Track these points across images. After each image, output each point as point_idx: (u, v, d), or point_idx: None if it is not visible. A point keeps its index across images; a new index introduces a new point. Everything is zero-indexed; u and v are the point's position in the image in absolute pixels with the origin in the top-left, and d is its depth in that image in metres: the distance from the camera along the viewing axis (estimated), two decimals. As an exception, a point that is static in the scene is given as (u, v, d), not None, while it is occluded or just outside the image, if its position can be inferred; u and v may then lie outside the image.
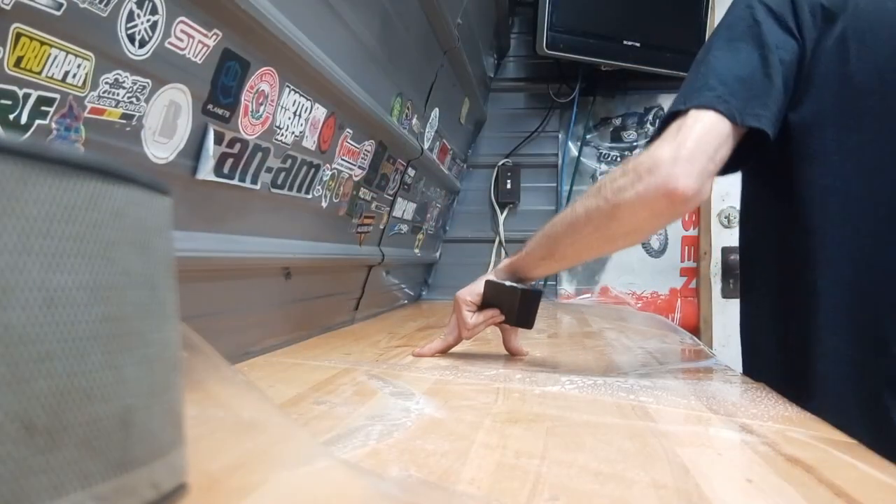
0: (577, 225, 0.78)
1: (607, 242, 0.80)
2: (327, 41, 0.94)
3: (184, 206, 0.75)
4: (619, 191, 0.72)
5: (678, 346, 1.19)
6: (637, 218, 0.73)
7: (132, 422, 0.28)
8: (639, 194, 0.70)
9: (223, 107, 0.76)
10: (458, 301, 0.94)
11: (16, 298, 0.23)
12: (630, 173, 0.72)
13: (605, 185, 0.75)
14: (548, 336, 1.26)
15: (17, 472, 0.23)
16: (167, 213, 0.33)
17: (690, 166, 0.68)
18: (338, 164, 1.15)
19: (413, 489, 0.42)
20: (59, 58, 0.51)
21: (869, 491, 0.43)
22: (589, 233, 0.77)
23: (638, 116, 2.29)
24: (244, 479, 0.38)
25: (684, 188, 0.68)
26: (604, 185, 0.75)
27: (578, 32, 2.01)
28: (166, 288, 0.32)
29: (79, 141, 0.56)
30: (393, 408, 0.63)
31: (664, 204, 0.69)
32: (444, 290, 2.31)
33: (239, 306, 0.95)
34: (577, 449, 0.51)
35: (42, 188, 0.25)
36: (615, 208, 0.73)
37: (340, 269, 1.37)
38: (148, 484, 0.29)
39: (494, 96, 2.35)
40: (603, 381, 0.78)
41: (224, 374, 0.45)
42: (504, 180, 2.28)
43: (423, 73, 1.55)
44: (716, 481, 0.44)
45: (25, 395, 0.23)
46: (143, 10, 0.58)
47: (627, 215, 0.72)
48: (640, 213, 0.72)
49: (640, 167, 0.71)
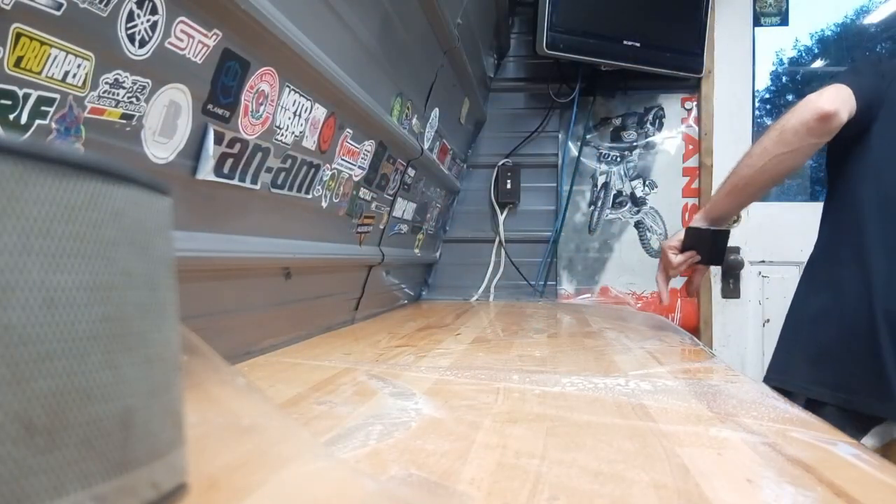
0: (754, 156, 1.05)
1: (778, 167, 1.04)
2: (327, 41, 0.94)
3: (184, 206, 0.75)
4: (784, 121, 1.01)
5: (678, 346, 1.19)
6: (798, 136, 0.99)
7: (132, 422, 0.28)
8: (798, 116, 0.99)
9: (223, 107, 0.76)
10: (663, 247, 1.24)
11: (16, 298, 0.23)
12: (791, 111, 1.00)
13: (773, 126, 1.03)
14: (548, 336, 1.26)
15: (17, 472, 0.23)
16: (167, 213, 0.33)
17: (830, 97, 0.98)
18: (338, 164, 1.15)
19: (413, 489, 0.42)
20: (59, 58, 0.51)
21: (869, 491, 0.43)
22: (761, 159, 1.04)
23: (638, 116, 2.29)
24: (244, 479, 0.38)
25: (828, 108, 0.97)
26: (773, 127, 1.03)
27: (578, 32, 2.01)
28: (166, 288, 0.32)
29: (79, 141, 0.56)
30: (393, 408, 0.63)
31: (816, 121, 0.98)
32: (444, 290, 2.31)
33: (239, 306, 0.95)
34: (577, 449, 0.51)
35: (42, 188, 0.25)
36: (782, 132, 1.01)
37: (340, 269, 1.37)
38: (148, 484, 0.29)
39: (494, 96, 2.35)
40: (603, 381, 0.78)
41: (224, 376, 0.45)
42: (504, 180, 2.28)
43: (423, 73, 1.55)
44: (716, 481, 0.44)
45: (25, 395, 0.23)
46: (143, 10, 0.58)
47: (790, 135, 1.00)
48: (800, 130, 0.99)
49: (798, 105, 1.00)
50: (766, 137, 1.04)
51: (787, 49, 2.53)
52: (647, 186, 2.28)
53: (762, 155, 1.04)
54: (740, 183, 1.09)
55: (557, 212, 2.29)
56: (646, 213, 2.27)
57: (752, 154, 1.06)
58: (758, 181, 1.08)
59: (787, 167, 1.05)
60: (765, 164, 1.04)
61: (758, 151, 1.05)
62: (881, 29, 2.63)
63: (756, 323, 2.23)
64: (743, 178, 1.08)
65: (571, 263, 2.29)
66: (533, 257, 2.30)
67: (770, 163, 1.03)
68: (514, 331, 1.34)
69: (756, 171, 1.06)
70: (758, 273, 2.24)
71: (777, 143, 1.01)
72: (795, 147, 1.00)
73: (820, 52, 3.00)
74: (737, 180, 1.10)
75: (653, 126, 2.29)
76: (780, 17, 2.30)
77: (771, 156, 1.02)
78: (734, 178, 1.11)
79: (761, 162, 1.04)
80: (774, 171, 1.06)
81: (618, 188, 2.29)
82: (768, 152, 1.03)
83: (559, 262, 2.29)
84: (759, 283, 2.23)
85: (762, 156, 1.04)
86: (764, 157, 1.03)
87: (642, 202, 2.28)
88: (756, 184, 1.09)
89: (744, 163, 1.09)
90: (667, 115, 2.28)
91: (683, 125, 2.27)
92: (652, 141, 2.29)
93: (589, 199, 2.29)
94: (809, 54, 3.00)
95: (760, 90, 2.42)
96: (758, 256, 2.23)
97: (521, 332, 1.33)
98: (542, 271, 2.29)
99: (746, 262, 2.23)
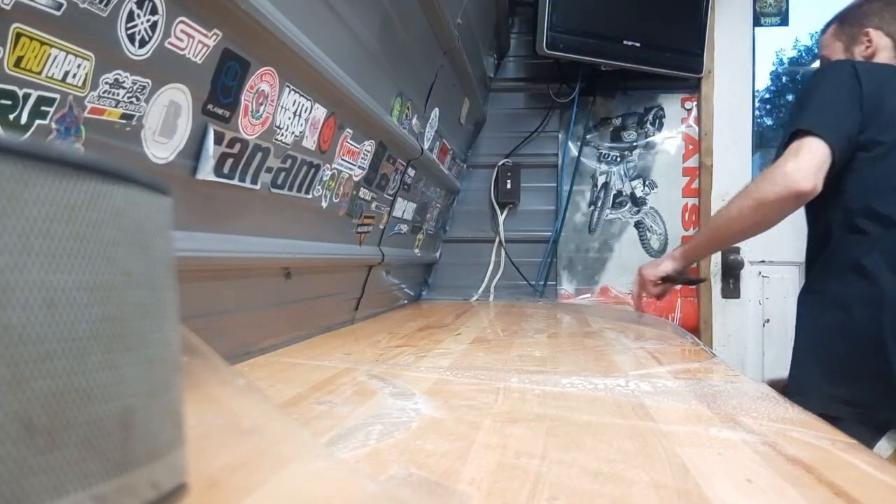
0: (732, 218, 1.17)
1: (752, 227, 1.17)
2: (327, 41, 0.94)
3: (184, 206, 0.75)
4: (762, 193, 1.10)
5: (678, 346, 1.19)
6: (774, 210, 1.10)
7: (132, 422, 0.28)
8: (776, 192, 1.08)
9: (223, 107, 0.76)
10: (644, 276, 1.42)
11: (16, 298, 0.23)
12: (769, 180, 1.09)
13: (751, 189, 1.13)
14: (548, 336, 1.26)
15: (17, 472, 0.23)
16: (167, 213, 0.33)
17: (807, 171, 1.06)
18: (338, 164, 1.15)
19: (413, 489, 0.42)
20: (59, 58, 0.51)
21: (869, 491, 0.43)
22: (740, 222, 1.15)
23: (638, 116, 2.29)
24: (244, 479, 0.38)
25: (805, 188, 1.06)
26: (750, 190, 1.13)
27: (578, 32, 2.01)
28: (166, 288, 0.32)
29: (79, 141, 0.56)
30: (393, 408, 0.63)
31: (793, 199, 1.07)
32: (444, 290, 2.31)
33: (239, 306, 0.95)
34: (577, 449, 0.51)
35: (42, 188, 0.25)
36: (760, 205, 1.10)
37: (340, 269, 1.37)
38: (148, 484, 0.29)
39: (494, 96, 2.35)
40: (603, 382, 0.78)
41: (224, 377, 0.45)
42: (504, 180, 2.28)
43: (423, 73, 1.55)
44: (716, 481, 0.44)
45: (25, 395, 0.23)
46: (143, 10, 0.58)
47: (767, 209, 1.10)
48: (776, 204, 1.09)
49: (776, 175, 1.08)
50: (744, 202, 1.14)
51: (787, 49, 2.53)
52: (647, 186, 2.28)
53: (740, 219, 1.16)
54: (718, 237, 1.26)
55: (557, 212, 2.29)
56: (646, 213, 2.27)
57: (731, 214, 1.18)
58: (735, 238, 1.27)
59: (762, 229, 1.20)
60: (743, 227, 1.18)
61: (735, 214, 1.16)
62: (881, 29, 2.63)
63: (756, 323, 2.23)
64: (721, 233, 1.24)
65: (571, 263, 2.29)
66: (533, 257, 2.30)
67: (747, 225, 1.16)
68: (514, 331, 1.34)
69: (734, 232, 1.22)
70: (758, 273, 2.24)
71: (755, 211, 1.11)
72: (771, 217, 1.13)
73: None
74: (715, 234, 1.27)
75: (653, 126, 2.29)
76: (780, 17, 2.30)
77: (749, 221, 1.14)
78: (713, 231, 1.27)
79: (739, 226, 1.17)
80: (751, 232, 1.21)
81: (618, 188, 2.29)
82: (745, 218, 1.14)
83: (559, 262, 2.29)
84: (759, 283, 2.23)
85: (740, 220, 1.16)
86: (741, 221, 1.15)
87: (642, 202, 2.28)
88: (732, 240, 1.29)
89: (723, 218, 1.22)
90: (667, 115, 2.28)
91: (683, 125, 2.27)
92: (652, 141, 2.29)
93: (589, 199, 2.29)
94: (809, 54, 3.00)
95: (760, 90, 2.42)
96: (758, 256, 2.22)
97: (521, 332, 1.33)
98: (542, 271, 2.29)
99: (746, 262, 2.23)
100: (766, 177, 1.10)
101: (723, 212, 1.23)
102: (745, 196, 1.14)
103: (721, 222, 1.23)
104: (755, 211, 1.12)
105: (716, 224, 1.26)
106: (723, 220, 1.22)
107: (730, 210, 1.18)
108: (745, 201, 1.14)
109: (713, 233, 1.27)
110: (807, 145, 1.07)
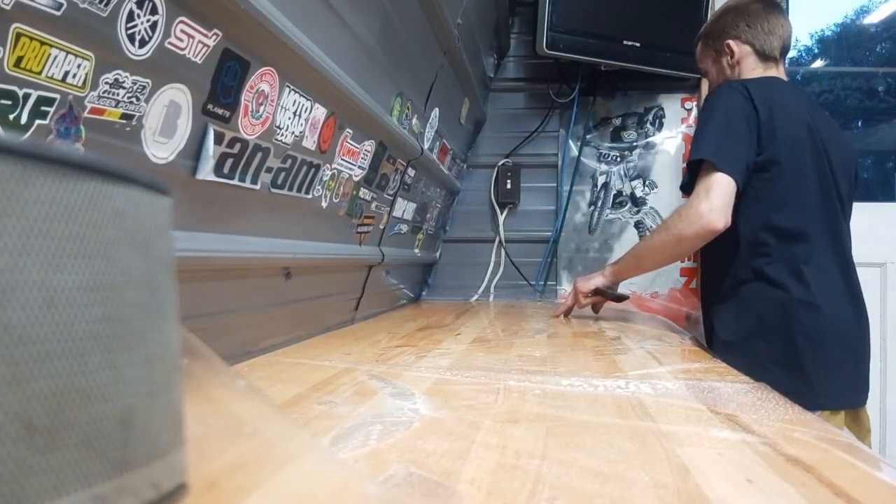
0: (655, 248, 1.36)
1: (671, 257, 1.37)
2: (327, 41, 0.94)
3: (184, 206, 0.75)
4: (680, 231, 1.26)
5: (678, 346, 1.19)
6: (691, 243, 1.26)
7: (132, 422, 0.28)
8: (693, 230, 1.23)
9: (223, 107, 0.76)
10: (578, 288, 1.56)
11: (16, 298, 0.23)
12: (686, 219, 1.24)
13: (670, 226, 1.29)
14: (548, 336, 1.26)
15: (17, 472, 0.23)
16: (167, 213, 0.33)
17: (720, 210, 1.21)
18: (338, 164, 1.15)
19: (413, 489, 0.42)
20: (59, 58, 0.51)
21: (869, 491, 0.43)
22: (661, 253, 1.35)
23: (638, 116, 2.29)
24: (244, 480, 0.38)
25: (718, 226, 1.21)
26: (669, 226, 1.29)
27: (578, 32, 2.01)
28: (166, 288, 0.32)
29: (79, 141, 0.56)
30: (393, 408, 0.63)
31: (708, 234, 1.23)
32: (444, 290, 2.31)
33: (239, 306, 0.95)
34: (577, 449, 0.51)
35: (42, 188, 0.25)
36: (679, 242, 1.27)
37: (340, 269, 1.37)
38: (148, 484, 0.29)
39: (494, 96, 2.35)
40: (603, 382, 0.78)
41: (224, 378, 0.45)
42: (504, 180, 2.28)
43: (423, 73, 1.55)
44: (716, 481, 0.44)
45: (25, 395, 0.23)
46: (143, 10, 0.58)
47: (686, 242, 1.26)
48: (693, 240, 1.25)
49: (692, 215, 1.23)
50: (665, 237, 1.30)
51: (786, 49, 2.53)
52: (647, 186, 2.28)
53: (661, 251, 1.34)
54: (641, 263, 1.45)
55: (557, 212, 2.29)
56: (646, 213, 2.27)
57: (654, 246, 1.36)
58: (656, 265, 1.47)
59: (679, 259, 1.64)
60: (662, 258, 1.38)
61: (658, 246, 1.34)
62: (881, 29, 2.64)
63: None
64: (644, 260, 1.43)
65: (571, 263, 2.29)
66: (533, 257, 2.30)
67: (666, 256, 1.36)
68: (514, 331, 1.34)
69: (655, 261, 1.41)
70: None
71: (674, 245, 1.28)
72: (687, 250, 1.31)
73: (820, 52, 3.00)
74: (639, 261, 1.44)
75: (653, 126, 2.29)
76: (780, 17, 2.30)
77: (668, 253, 1.34)
78: (637, 258, 1.44)
79: (659, 256, 1.37)
80: (670, 261, 1.42)
81: (618, 188, 2.29)
82: (665, 251, 1.32)
83: (559, 262, 2.29)
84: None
85: (661, 251, 1.34)
86: (662, 252, 1.34)
87: (642, 202, 2.28)
88: (653, 267, 1.49)
89: (646, 248, 1.41)
90: (667, 115, 2.28)
91: (683, 125, 2.27)
92: (652, 141, 2.29)
93: (589, 199, 2.29)
94: (809, 54, 3.00)
95: (760, 90, 2.41)
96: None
97: (521, 332, 1.33)
98: (542, 271, 2.29)
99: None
100: (683, 216, 1.25)
101: (647, 241, 1.44)
102: (666, 231, 1.30)
103: (644, 251, 1.42)
104: (675, 245, 1.28)
105: (640, 252, 1.44)
106: (646, 250, 1.41)
107: (653, 241, 1.38)
108: (665, 236, 1.30)
109: (637, 260, 1.44)
110: (716, 183, 1.21)
